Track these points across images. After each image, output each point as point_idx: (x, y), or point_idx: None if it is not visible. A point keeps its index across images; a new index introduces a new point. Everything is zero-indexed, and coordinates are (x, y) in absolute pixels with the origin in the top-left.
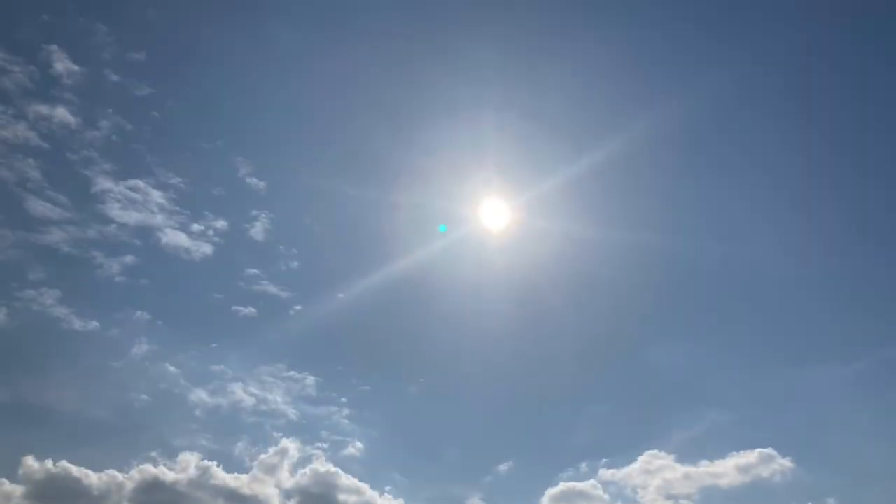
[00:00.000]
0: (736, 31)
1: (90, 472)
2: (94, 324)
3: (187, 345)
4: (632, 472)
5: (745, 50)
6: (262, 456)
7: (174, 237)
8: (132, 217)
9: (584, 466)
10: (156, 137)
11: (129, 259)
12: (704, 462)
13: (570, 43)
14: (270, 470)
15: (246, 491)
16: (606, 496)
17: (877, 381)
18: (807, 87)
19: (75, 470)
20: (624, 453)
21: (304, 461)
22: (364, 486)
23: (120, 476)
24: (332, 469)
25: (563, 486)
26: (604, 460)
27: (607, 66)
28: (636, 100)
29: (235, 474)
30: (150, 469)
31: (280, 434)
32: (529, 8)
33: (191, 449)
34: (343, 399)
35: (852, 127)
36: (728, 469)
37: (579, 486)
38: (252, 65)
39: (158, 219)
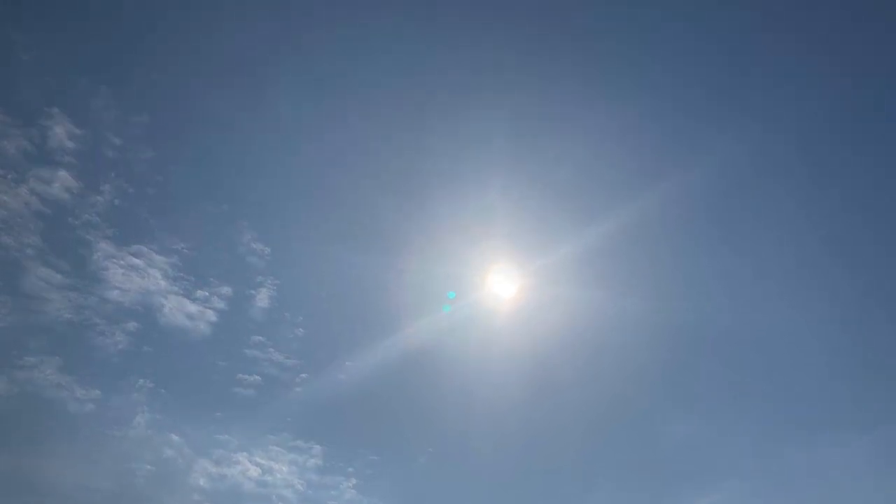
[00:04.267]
0: (748, 98)
1: None
2: (96, 392)
3: (191, 414)
4: None
5: (758, 117)
6: None
7: (177, 305)
8: (135, 284)
9: None
10: (159, 202)
11: (131, 327)
12: None
13: (579, 110)
14: None
15: None
16: None
17: (893, 452)
18: (821, 154)
19: None
20: None
21: None
22: None
23: None
24: None
25: None
26: None
27: (617, 134)
28: (646, 167)
29: None
30: None
31: None
32: (537, 75)
33: None
34: (350, 469)
35: (868, 195)
36: None
37: None
38: (257, 129)
39: (161, 286)
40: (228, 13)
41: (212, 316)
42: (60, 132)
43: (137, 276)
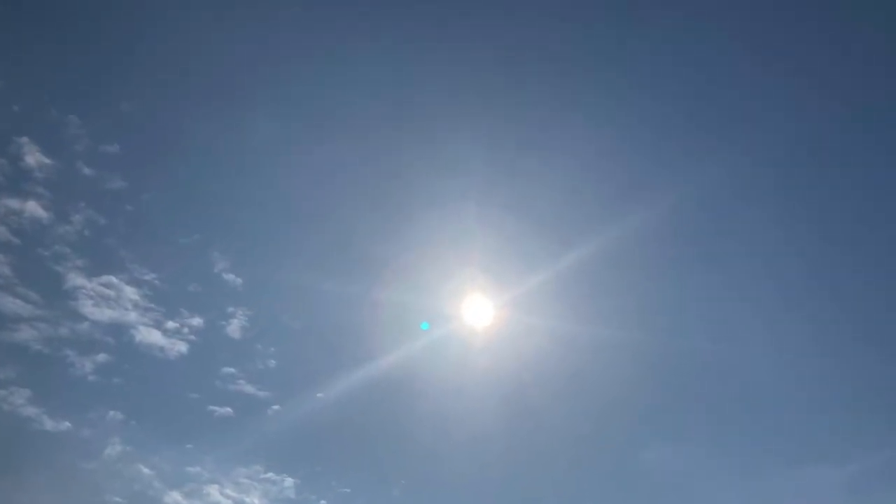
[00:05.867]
0: (727, 124)
1: None
2: (66, 424)
3: (162, 445)
4: None
5: (738, 142)
6: None
7: (148, 335)
8: (105, 314)
9: None
10: (130, 232)
11: (101, 357)
12: None
13: (557, 135)
14: None
15: None
16: None
17: (873, 484)
18: (801, 180)
19: None
20: None
21: None
22: None
23: None
24: None
25: None
26: None
27: (595, 160)
28: (625, 193)
29: None
30: None
31: None
32: (515, 101)
33: None
34: (322, 502)
35: (848, 222)
36: None
37: None
38: (229, 158)
39: (132, 316)
40: (200, 42)
41: (183, 346)
42: (30, 161)
43: (108, 306)
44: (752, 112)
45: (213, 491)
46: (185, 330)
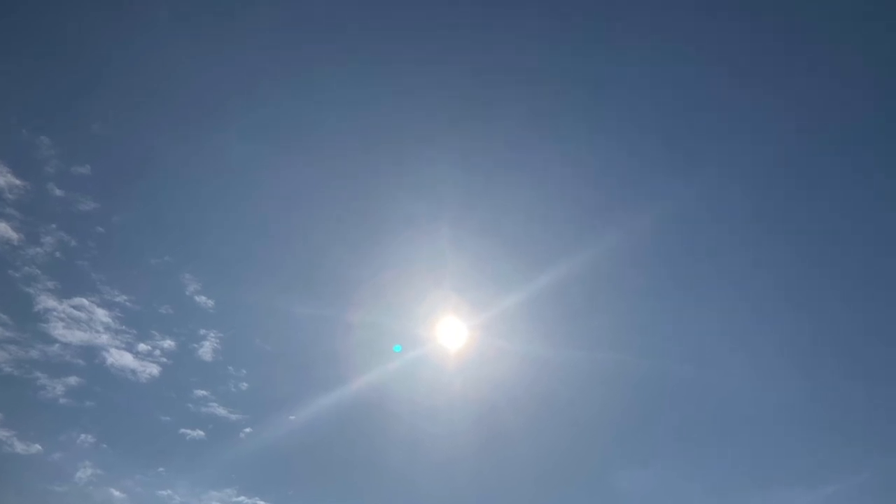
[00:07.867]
0: (702, 145)
1: None
2: (37, 447)
3: (133, 469)
4: None
5: (712, 164)
6: None
7: (120, 357)
8: (76, 336)
9: None
10: (101, 254)
11: (73, 380)
12: None
13: (530, 157)
14: None
15: None
16: None
17: None
18: (776, 202)
19: None
20: None
21: None
22: None
23: None
24: None
25: None
26: None
27: (568, 181)
28: (598, 216)
29: None
30: None
31: None
32: (488, 122)
33: None
34: None
35: (823, 244)
36: None
37: None
38: (201, 179)
39: (103, 338)
40: (172, 64)
41: (154, 369)
42: (0, 183)
43: (79, 328)
44: (727, 133)
45: None
46: (157, 352)
